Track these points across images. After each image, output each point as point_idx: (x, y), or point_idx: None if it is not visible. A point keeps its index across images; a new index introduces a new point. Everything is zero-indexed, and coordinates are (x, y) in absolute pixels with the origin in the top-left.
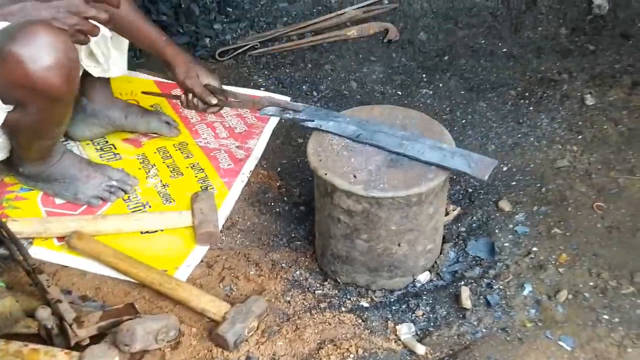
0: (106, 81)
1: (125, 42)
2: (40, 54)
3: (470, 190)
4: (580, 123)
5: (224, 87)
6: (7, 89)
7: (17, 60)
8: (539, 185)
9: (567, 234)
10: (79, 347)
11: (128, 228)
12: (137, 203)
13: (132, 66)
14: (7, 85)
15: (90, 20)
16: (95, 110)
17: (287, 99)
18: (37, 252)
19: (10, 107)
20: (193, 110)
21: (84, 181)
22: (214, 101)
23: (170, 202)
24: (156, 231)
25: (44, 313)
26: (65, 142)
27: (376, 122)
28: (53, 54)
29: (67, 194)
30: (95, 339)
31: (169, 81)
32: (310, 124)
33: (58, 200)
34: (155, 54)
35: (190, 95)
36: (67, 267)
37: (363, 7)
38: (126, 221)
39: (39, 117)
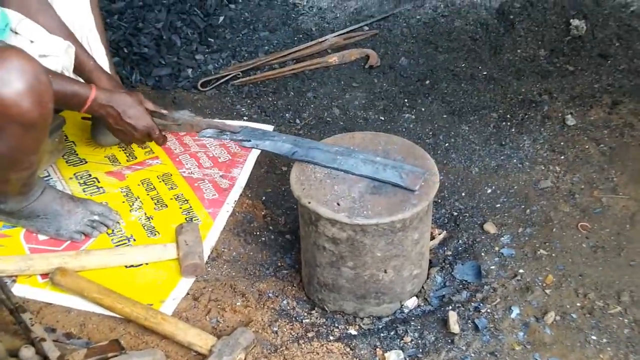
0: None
1: None
2: (10, 78)
3: (455, 213)
4: (562, 143)
5: (179, 112)
6: None
7: None
8: (523, 206)
9: (553, 254)
10: None
11: (112, 263)
12: (121, 237)
13: None
14: None
15: None
16: None
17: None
18: (20, 290)
19: None
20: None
21: (66, 216)
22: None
23: (155, 234)
24: (141, 265)
25: (27, 352)
26: (47, 178)
27: (310, 141)
28: (24, 78)
29: (50, 229)
30: None
31: None
32: (247, 144)
33: (41, 237)
34: (82, 77)
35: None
36: (51, 304)
37: (343, 34)
38: (110, 256)
39: (13, 144)
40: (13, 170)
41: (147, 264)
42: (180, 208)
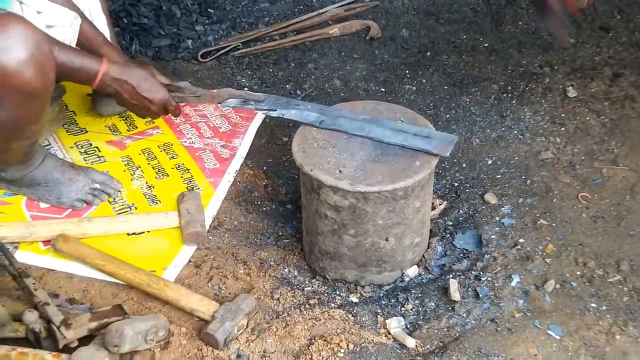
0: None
1: None
2: (11, 46)
3: (456, 184)
4: (562, 115)
5: (181, 83)
6: None
7: None
8: (523, 177)
9: (553, 224)
10: (68, 350)
11: (114, 230)
12: (123, 205)
13: None
14: None
15: None
16: None
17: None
18: (22, 256)
19: None
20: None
21: (67, 184)
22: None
23: (157, 203)
24: (143, 232)
25: (31, 316)
26: (48, 147)
27: (336, 109)
28: (25, 46)
29: (51, 197)
30: (84, 341)
31: None
32: (272, 114)
33: (43, 204)
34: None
35: None
36: (53, 270)
37: (344, 5)
38: (112, 223)
39: (15, 114)
40: (15, 139)
41: (149, 231)
42: (182, 177)
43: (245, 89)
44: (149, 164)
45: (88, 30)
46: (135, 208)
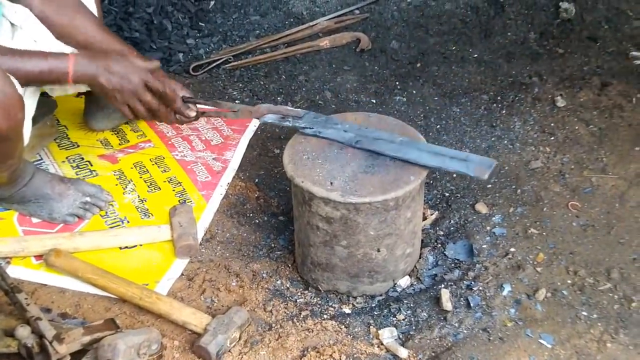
0: None
1: None
2: None
3: (447, 194)
4: (552, 125)
5: (220, 101)
6: None
7: None
8: (514, 187)
9: (544, 233)
10: None
11: (107, 244)
12: (115, 219)
13: None
14: None
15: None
16: None
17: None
18: (15, 271)
19: None
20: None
21: (57, 200)
22: (193, 114)
23: (149, 216)
24: (135, 246)
25: (23, 331)
26: (39, 161)
27: (374, 130)
28: None
29: (42, 213)
30: (77, 356)
31: None
32: (309, 132)
33: (35, 219)
34: None
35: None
36: (45, 285)
37: (334, 17)
38: (104, 237)
39: None
40: None
41: (141, 245)
42: (174, 190)
43: (237, 101)
44: (141, 177)
45: (115, 42)
46: (128, 221)
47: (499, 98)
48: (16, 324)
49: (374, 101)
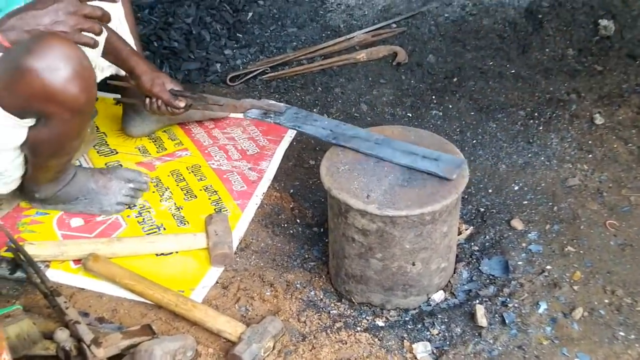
0: None
1: None
2: (57, 66)
3: (482, 209)
4: (590, 142)
5: (206, 95)
6: (28, 102)
7: (36, 73)
8: (550, 204)
9: (581, 252)
10: None
11: (143, 250)
12: (151, 225)
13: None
14: (27, 99)
15: (89, 19)
16: None
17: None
18: (53, 275)
19: (31, 122)
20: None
21: (103, 193)
22: (182, 104)
23: (185, 224)
24: (171, 253)
25: (62, 334)
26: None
27: (351, 127)
28: (70, 65)
29: (93, 209)
30: None
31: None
32: (288, 125)
33: (73, 223)
34: (118, 63)
35: (158, 101)
36: (83, 289)
37: (372, 31)
38: (141, 243)
39: (60, 130)
40: (55, 156)
41: (177, 252)
42: (210, 199)
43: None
44: (177, 185)
45: (115, 41)
46: (164, 229)
47: (536, 114)
48: (55, 327)
49: (410, 115)
